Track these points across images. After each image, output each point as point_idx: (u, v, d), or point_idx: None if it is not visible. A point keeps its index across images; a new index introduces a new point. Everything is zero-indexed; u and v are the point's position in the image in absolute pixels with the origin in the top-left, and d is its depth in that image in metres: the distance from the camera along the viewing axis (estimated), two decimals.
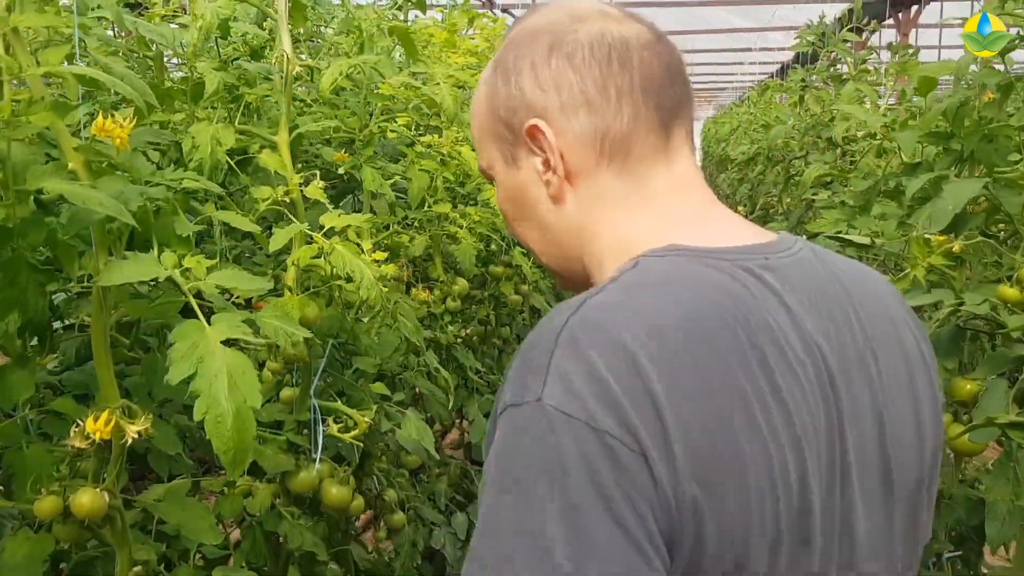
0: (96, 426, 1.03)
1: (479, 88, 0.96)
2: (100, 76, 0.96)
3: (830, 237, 2.38)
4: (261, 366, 1.83)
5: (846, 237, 2.33)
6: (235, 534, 1.90)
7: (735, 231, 0.87)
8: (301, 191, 1.71)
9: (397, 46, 2.22)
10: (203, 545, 1.59)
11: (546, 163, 0.89)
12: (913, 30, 8.55)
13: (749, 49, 14.13)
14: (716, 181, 9.51)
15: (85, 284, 1.41)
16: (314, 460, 1.75)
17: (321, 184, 1.74)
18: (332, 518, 1.95)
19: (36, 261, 1.08)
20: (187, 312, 1.61)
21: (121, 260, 1.01)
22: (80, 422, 1.07)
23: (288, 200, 1.67)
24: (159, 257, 1.03)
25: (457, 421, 3.40)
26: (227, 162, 1.62)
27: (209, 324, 0.99)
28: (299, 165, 1.77)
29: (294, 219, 1.68)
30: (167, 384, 1.28)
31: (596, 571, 0.65)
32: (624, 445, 0.68)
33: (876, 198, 2.81)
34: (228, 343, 1.01)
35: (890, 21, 8.63)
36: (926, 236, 1.60)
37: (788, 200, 4.51)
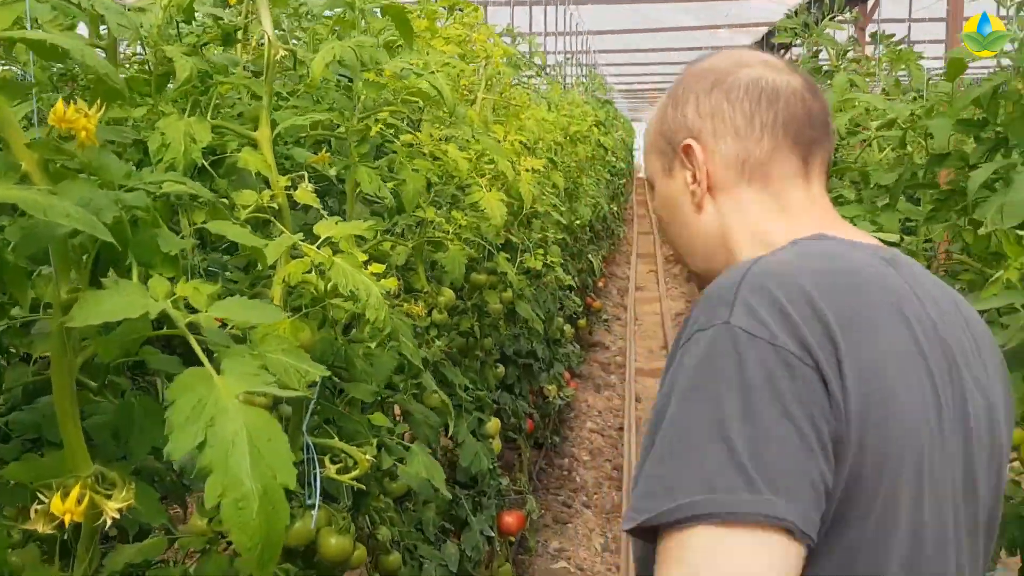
0: (66, 506, 0.79)
1: (655, 113, 1.14)
2: (65, 43, 0.72)
3: None
4: None
5: (873, 234, 2.16)
6: None
7: (860, 236, 1.03)
8: (288, 196, 1.47)
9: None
10: None
11: (694, 176, 1.07)
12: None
13: (700, 48, 14.11)
14: None
15: (33, 315, 1.16)
16: (310, 507, 1.52)
17: (311, 187, 1.51)
18: (325, 567, 1.71)
19: None
20: (151, 342, 1.36)
21: (96, 291, 0.76)
22: (43, 498, 0.82)
23: (275, 206, 1.43)
24: (145, 284, 0.79)
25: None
26: (201, 163, 1.38)
27: (213, 368, 0.75)
28: None
29: (281, 227, 1.45)
30: (144, 435, 1.04)
31: (769, 456, 0.77)
32: (801, 361, 0.81)
33: (878, 192, 2.65)
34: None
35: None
36: (1019, 233, 1.43)
37: None
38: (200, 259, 1.90)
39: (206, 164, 1.49)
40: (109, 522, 0.81)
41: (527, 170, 2.96)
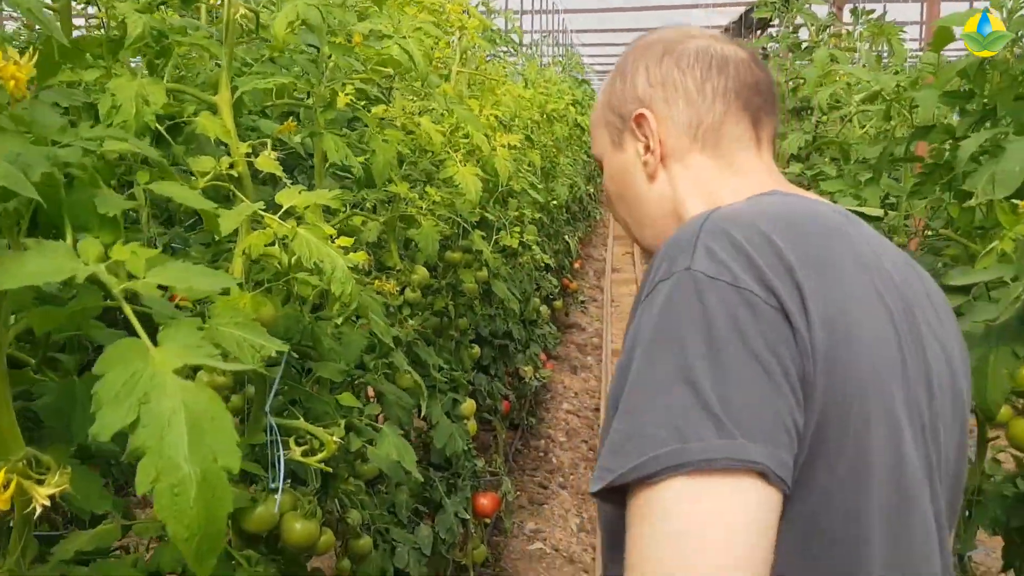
0: None
1: (602, 88, 1.15)
2: None
3: None
4: (195, 371, 1.49)
5: (858, 209, 2.11)
6: None
7: (812, 196, 1.03)
8: (249, 163, 1.39)
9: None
10: None
11: (647, 147, 1.07)
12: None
13: None
14: None
15: None
16: (273, 491, 1.44)
17: (273, 155, 1.43)
18: (290, 553, 1.64)
19: None
20: (105, 317, 1.28)
21: (20, 252, 0.69)
22: None
23: (235, 174, 1.35)
24: (75, 246, 0.72)
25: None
26: (156, 127, 1.29)
27: (155, 342, 0.68)
28: None
29: (242, 197, 1.37)
30: (87, 415, 0.97)
31: (737, 399, 0.75)
32: (765, 302, 0.79)
33: (860, 168, 2.60)
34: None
35: None
36: (1013, 202, 1.38)
37: None
38: (159, 233, 1.82)
39: (162, 130, 1.40)
40: (39, 509, 0.74)
41: (503, 146, 2.88)
